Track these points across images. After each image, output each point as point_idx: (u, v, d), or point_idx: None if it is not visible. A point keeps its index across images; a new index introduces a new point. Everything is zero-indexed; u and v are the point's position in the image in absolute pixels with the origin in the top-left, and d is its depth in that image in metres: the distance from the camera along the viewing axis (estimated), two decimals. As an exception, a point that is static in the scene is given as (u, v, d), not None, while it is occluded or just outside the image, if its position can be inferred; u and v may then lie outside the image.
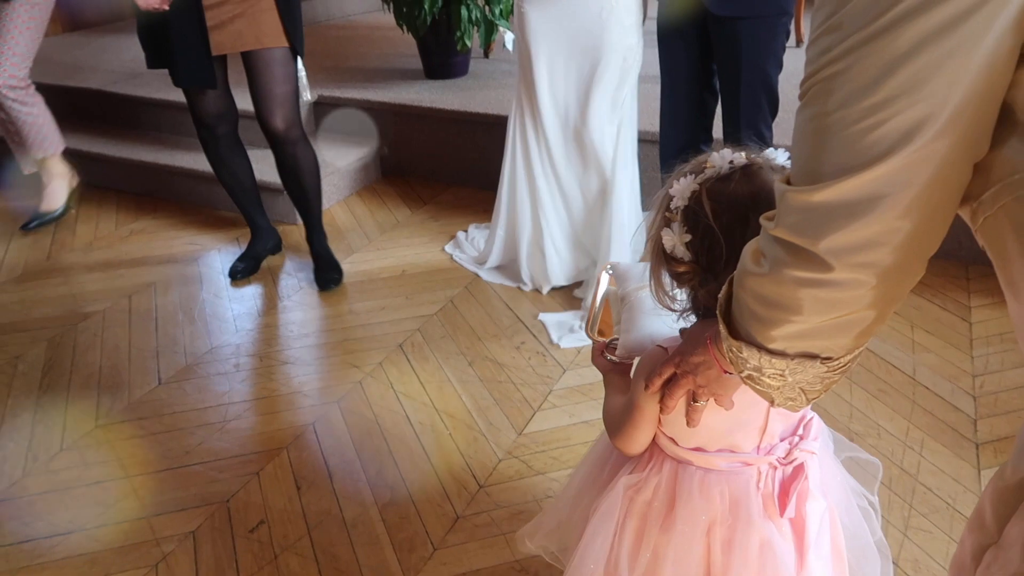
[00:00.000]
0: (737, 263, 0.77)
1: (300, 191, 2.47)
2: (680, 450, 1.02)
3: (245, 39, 2.19)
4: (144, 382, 2.15)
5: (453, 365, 2.16)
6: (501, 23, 3.40)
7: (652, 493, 1.04)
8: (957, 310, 2.35)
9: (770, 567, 1.01)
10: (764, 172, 0.89)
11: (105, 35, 4.68)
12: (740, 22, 1.97)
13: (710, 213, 0.86)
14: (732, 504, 1.01)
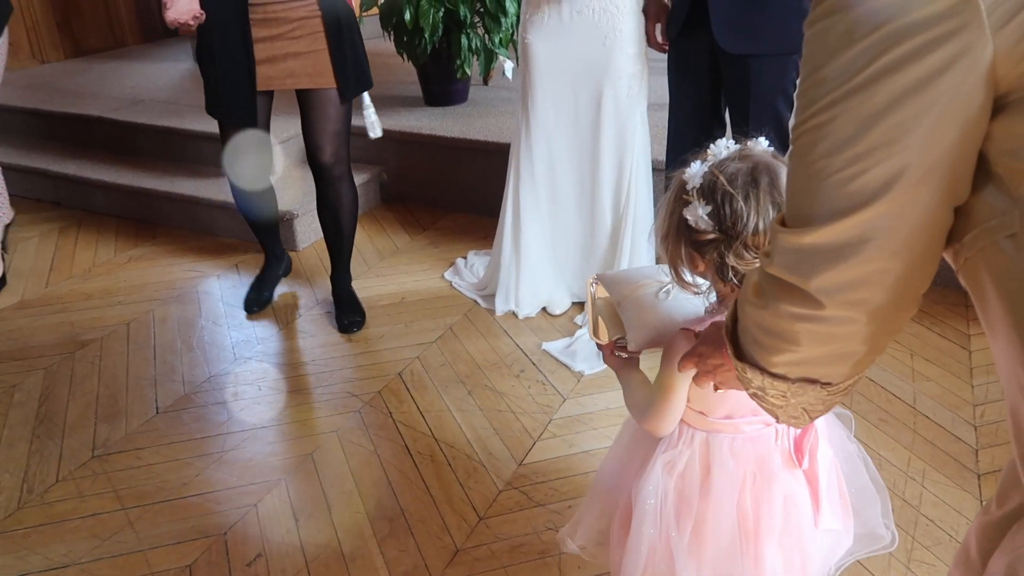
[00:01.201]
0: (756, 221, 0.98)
1: (336, 229, 2.42)
2: (710, 421, 1.13)
3: (299, 78, 2.14)
4: (142, 411, 2.13)
5: (452, 394, 2.15)
6: (501, 52, 3.43)
7: (687, 465, 1.15)
8: (957, 338, 2.35)
9: (793, 517, 1.15)
10: (756, 152, 1.04)
11: (107, 61, 4.71)
12: (751, 59, 1.97)
13: (726, 183, 0.99)
14: (759, 463, 1.14)
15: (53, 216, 3.41)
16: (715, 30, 1.95)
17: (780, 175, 1.00)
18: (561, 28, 2.21)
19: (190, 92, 3.98)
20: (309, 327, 2.51)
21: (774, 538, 1.15)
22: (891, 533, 1.26)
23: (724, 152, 1.04)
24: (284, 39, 2.09)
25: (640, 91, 2.31)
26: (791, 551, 1.17)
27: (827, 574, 1.26)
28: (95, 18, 5.02)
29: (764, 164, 1.01)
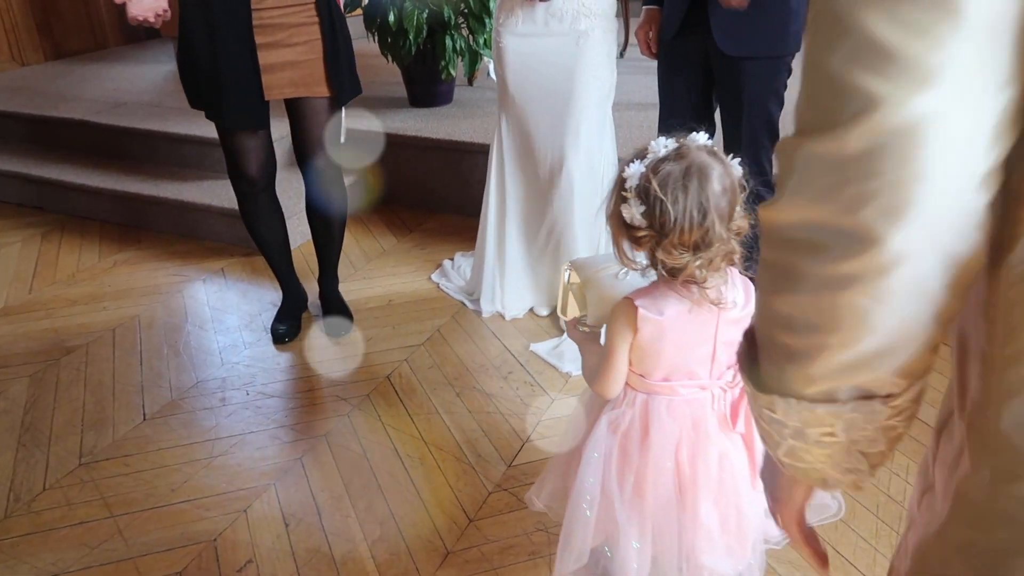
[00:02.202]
0: (684, 222, 1.06)
1: (326, 232, 2.39)
2: (649, 383, 1.24)
3: (297, 87, 2.11)
4: (129, 418, 2.12)
5: (441, 396, 2.16)
6: (485, 52, 3.44)
7: (629, 424, 1.25)
8: (939, 334, 2.38)
9: (728, 476, 1.24)
10: (692, 151, 1.11)
11: (88, 64, 4.67)
12: (746, 61, 1.98)
13: (657, 187, 1.08)
14: (694, 423, 1.24)
15: (35, 221, 3.39)
16: (715, 33, 1.95)
17: (711, 176, 1.09)
18: (535, 31, 2.22)
19: (173, 94, 3.95)
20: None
21: (710, 495, 1.24)
22: (838, 502, 1.33)
23: (662, 150, 1.11)
24: (281, 46, 2.05)
25: (609, 93, 2.33)
26: (727, 509, 1.25)
27: (771, 539, 1.35)
28: (75, 20, 4.98)
29: (697, 165, 1.09)
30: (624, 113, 3.19)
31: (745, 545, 1.29)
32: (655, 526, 1.26)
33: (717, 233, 1.09)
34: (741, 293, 1.20)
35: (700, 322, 1.18)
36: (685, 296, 1.16)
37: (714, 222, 1.08)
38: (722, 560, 1.26)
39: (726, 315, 1.18)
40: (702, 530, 1.24)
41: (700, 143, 1.13)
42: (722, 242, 1.11)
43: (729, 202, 1.11)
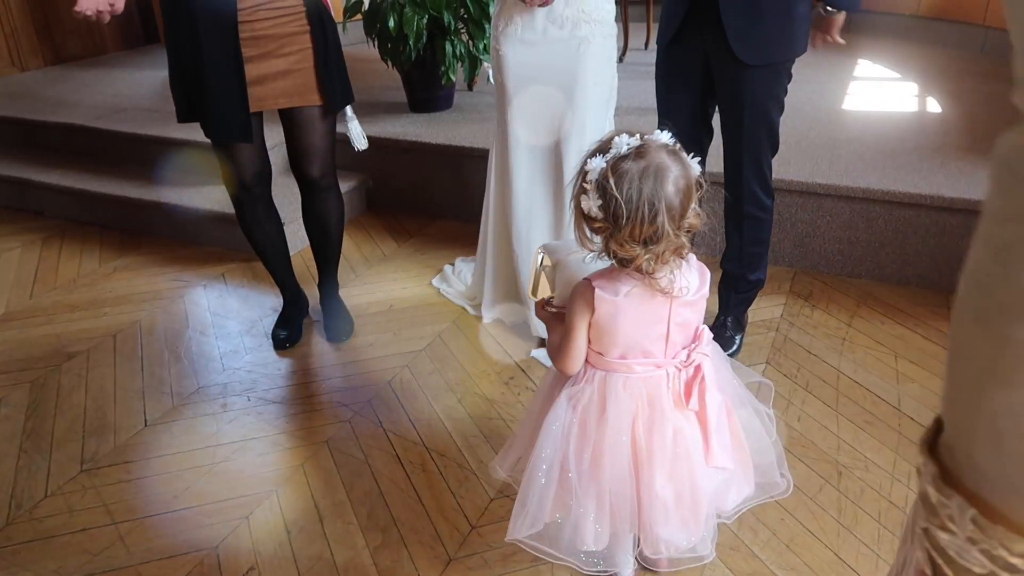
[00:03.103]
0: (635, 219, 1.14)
1: (324, 238, 2.39)
2: (607, 360, 1.30)
3: (290, 97, 2.09)
4: (130, 424, 2.12)
5: (443, 402, 2.16)
6: (485, 58, 3.44)
7: (588, 399, 1.32)
8: (939, 339, 2.39)
9: (682, 449, 1.30)
10: (653, 150, 1.18)
11: (87, 69, 4.68)
12: (750, 68, 1.97)
13: (613, 185, 1.15)
14: (649, 399, 1.30)
15: (35, 227, 3.39)
16: (733, 44, 1.94)
17: (667, 177, 1.16)
18: (535, 38, 2.21)
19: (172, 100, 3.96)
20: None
21: (665, 468, 1.30)
22: (786, 480, 1.43)
23: (624, 148, 1.17)
24: (273, 56, 2.03)
25: (611, 98, 2.33)
26: (681, 482, 1.31)
27: (723, 513, 1.42)
28: (75, 25, 4.98)
29: (655, 166, 1.16)
30: (624, 118, 3.20)
31: (699, 518, 1.35)
32: (612, 499, 1.31)
33: (666, 231, 1.17)
34: (696, 277, 1.30)
35: (654, 303, 1.26)
36: (638, 280, 1.25)
37: (664, 221, 1.16)
38: (677, 532, 1.33)
39: (679, 298, 1.27)
40: (657, 503, 1.31)
41: (662, 142, 1.20)
42: (671, 239, 1.18)
43: (682, 202, 1.18)
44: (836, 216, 2.72)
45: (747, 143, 2.08)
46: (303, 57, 2.06)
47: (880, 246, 2.71)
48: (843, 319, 2.51)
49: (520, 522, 1.36)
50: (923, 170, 2.77)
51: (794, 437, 1.99)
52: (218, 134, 2.09)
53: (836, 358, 2.30)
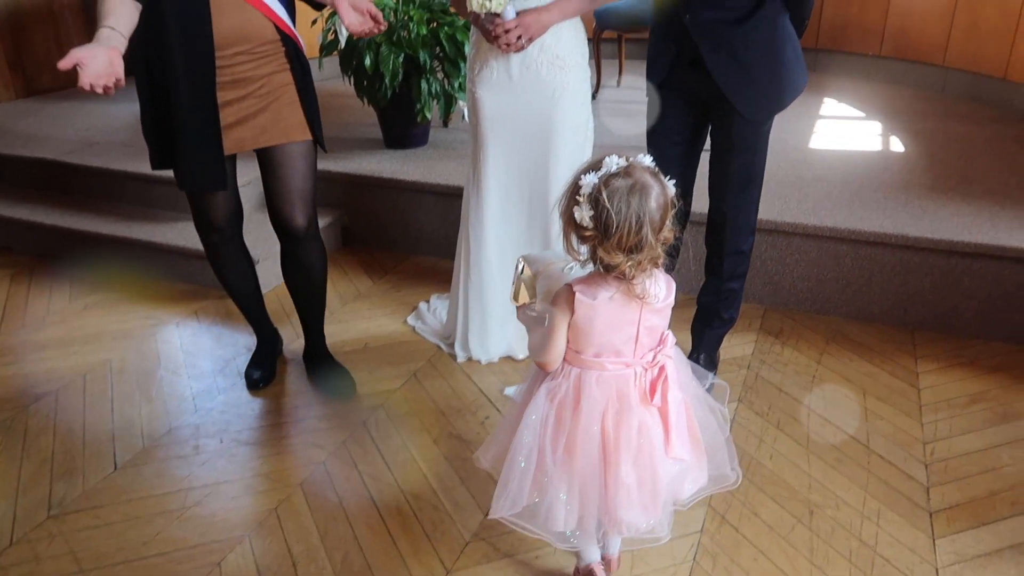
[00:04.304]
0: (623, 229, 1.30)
1: (309, 290, 2.32)
2: (582, 358, 1.45)
3: (270, 134, 2.04)
4: (99, 468, 2.09)
5: (418, 443, 2.16)
6: (460, 96, 3.48)
7: (564, 393, 1.47)
8: (905, 376, 2.44)
9: (646, 442, 1.45)
10: (638, 170, 1.33)
11: (60, 102, 4.65)
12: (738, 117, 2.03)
13: (606, 198, 1.30)
14: (619, 395, 1.45)
15: (4, 262, 3.34)
16: (739, 107, 1.99)
17: (651, 194, 1.32)
18: (510, 82, 2.25)
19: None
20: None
21: (630, 458, 1.45)
22: (736, 473, 1.58)
23: (614, 167, 1.33)
24: (253, 97, 2.00)
25: (587, 139, 2.37)
26: (644, 470, 1.46)
27: (679, 500, 1.56)
28: (47, 57, 4.96)
29: (641, 184, 1.32)
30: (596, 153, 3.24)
31: (657, 503, 1.50)
32: (582, 483, 1.46)
33: (648, 241, 1.33)
34: (663, 288, 1.45)
35: (626, 308, 1.42)
36: (615, 286, 1.40)
37: (647, 232, 1.32)
38: (638, 515, 1.48)
39: (649, 305, 1.42)
40: (622, 488, 1.45)
41: (645, 164, 1.36)
42: (651, 248, 1.34)
43: (661, 216, 1.34)
44: (804, 254, 2.78)
45: (735, 182, 2.12)
46: (284, 95, 2.04)
47: (847, 284, 2.77)
48: (813, 356, 2.55)
49: (501, 502, 1.50)
50: (887, 209, 2.84)
51: (766, 476, 2.01)
52: (193, 184, 2.07)
53: (806, 396, 2.34)
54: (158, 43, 1.88)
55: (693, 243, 2.75)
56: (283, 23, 1.99)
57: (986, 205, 2.86)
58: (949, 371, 2.47)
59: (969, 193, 3.00)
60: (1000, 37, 4.32)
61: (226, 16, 1.90)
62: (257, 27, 1.95)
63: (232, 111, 2.00)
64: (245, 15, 1.93)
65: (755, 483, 1.99)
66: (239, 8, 1.92)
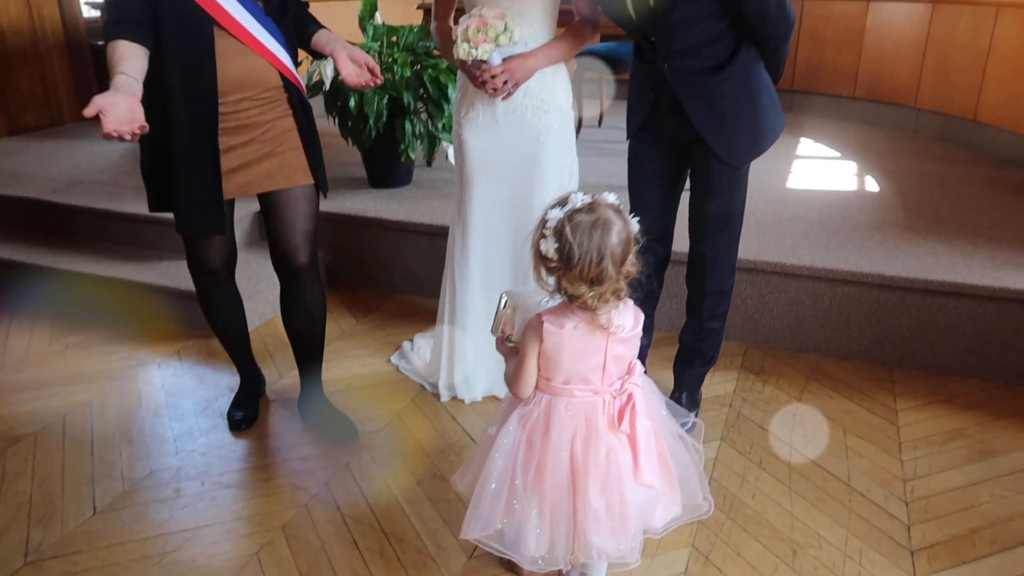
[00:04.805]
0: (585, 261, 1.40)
1: (311, 333, 2.31)
2: (552, 385, 1.53)
3: (275, 179, 2.06)
4: (79, 512, 2.06)
5: (401, 484, 2.15)
6: (443, 136, 3.53)
7: (535, 419, 1.53)
8: (885, 414, 2.47)
9: (613, 468, 1.51)
10: (601, 207, 1.43)
11: (44, 140, 4.65)
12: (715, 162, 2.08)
13: (567, 233, 1.40)
14: (587, 421, 1.51)
15: (-16, 302, 3.32)
16: (720, 152, 2.04)
17: (612, 229, 1.41)
18: (496, 126, 2.30)
19: (129, 173, 3.96)
20: (254, 416, 2.48)
21: (598, 483, 1.50)
22: (708, 503, 1.64)
23: (579, 203, 1.43)
24: (256, 142, 2.01)
25: (571, 181, 2.41)
26: (612, 496, 1.51)
27: (651, 528, 1.60)
28: (32, 95, 4.98)
29: (603, 220, 1.41)
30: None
31: (627, 529, 1.53)
32: (552, 507, 1.51)
33: (609, 273, 1.42)
34: (631, 319, 1.52)
35: (593, 337, 1.49)
36: (580, 316, 1.47)
37: (608, 265, 1.41)
38: (607, 541, 1.52)
39: (615, 335, 1.49)
40: (591, 513, 1.50)
41: (609, 201, 1.45)
42: (612, 281, 1.43)
43: (623, 251, 1.43)
44: (784, 292, 2.83)
45: (714, 223, 2.16)
46: (288, 139, 2.06)
47: (826, 321, 2.81)
48: (793, 394, 2.58)
49: (472, 524, 1.55)
50: (864, 248, 2.90)
51: (749, 515, 2.02)
52: (191, 228, 2.06)
53: (788, 434, 2.36)
54: (160, 86, 1.88)
55: (674, 282, 2.79)
56: (287, 70, 2.01)
57: (958, 245, 2.93)
58: (927, 408, 2.50)
59: (942, 232, 3.07)
60: (968, 80, 4.45)
61: (231, 62, 1.92)
62: (262, 74, 1.97)
63: (236, 156, 2.01)
64: (250, 62, 1.95)
65: (738, 523, 2.00)
66: (244, 54, 1.94)
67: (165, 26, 1.85)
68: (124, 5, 1.82)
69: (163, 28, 1.85)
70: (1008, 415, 2.47)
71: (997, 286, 2.58)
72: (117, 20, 1.81)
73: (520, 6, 2.16)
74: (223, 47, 1.91)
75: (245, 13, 1.92)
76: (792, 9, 1.96)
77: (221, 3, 1.88)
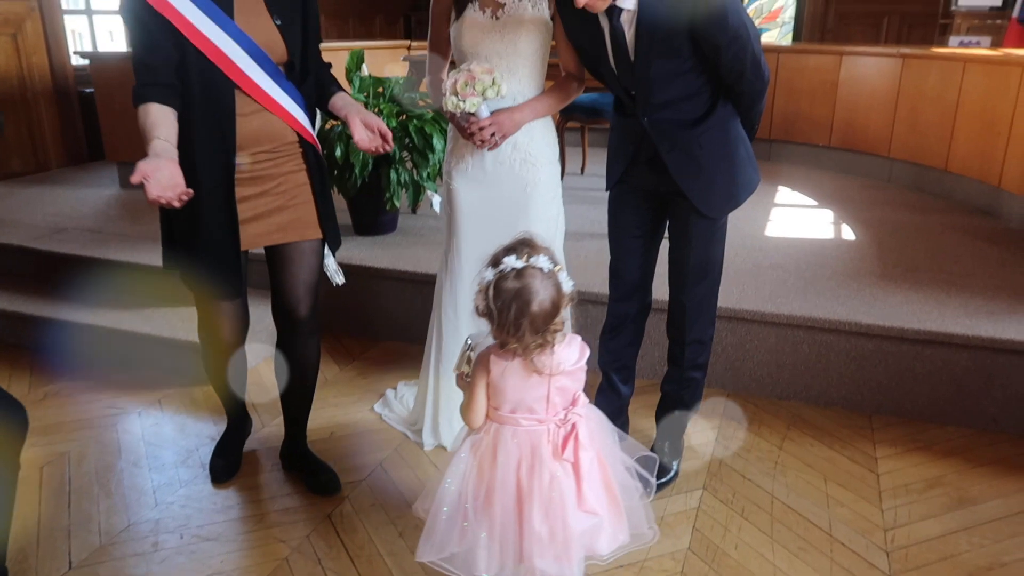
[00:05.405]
0: (504, 324, 1.53)
1: (302, 383, 2.30)
2: (500, 414, 1.63)
3: (287, 232, 2.07)
4: (53, 568, 2.03)
5: (383, 536, 2.13)
6: (428, 185, 3.58)
7: (485, 446, 1.63)
8: (865, 461, 2.49)
9: (557, 494, 1.59)
10: (529, 275, 1.53)
11: (29, 186, 4.67)
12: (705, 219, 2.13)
13: (491, 296, 1.53)
14: (532, 449, 1.61)
15: (-38, 349, 3.29)
16: (698, 205, 2.10)
17: (533, 300, 1.51)
18: (484, 177, 2.34)
19: (115, 220, 3.98)
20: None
21: (542, 509, 1.58)
22: (653, 531, 1.73)
23: (509, 268, 1.52)
24: (271, 194, 2.03)
25: (557, 231, 2.46)
26: (555, 521, 1.59)
27: (597, 554, 1.67)
28: (18, 141, 5.00)
29: (527, 290, 1.51)
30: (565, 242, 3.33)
31: (570, 554, 1.61)
32: (500, 531, 1.59)
33: (526, 338, 1.54)
34: (576, 352, 1.63)
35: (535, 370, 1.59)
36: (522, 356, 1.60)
37: (525, 331, 1.53)
38: (551, 564, 1.59)
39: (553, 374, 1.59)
40: (535, 537, 1.58)
41: (539, 266, 1.54)
42: (532, 341, 1.54)
43: (544, 318, 1.53)
44: (763, 340, 2.86)
45: (693, 274, 2.20)
46: (300, 193, 2.07)
47: (805, 369, 2.84)
48: (775, 442, 2.60)
49: (427, 547, 1.64)
50: (840, 296, 2.95)
51: (731, 567, 2.02)
52: (213, 290, 2.07)
53: (770, 482, 2.38)
54: (182, 141, 1.88)
55: (656, 330, 2.82)
56: (305, 131, 2.05)
57: (932, 293, 2.99)
58: (907, 456, 2.53)
59: (916, 281, 3.13)
60: (939, 132, 4.59)
61: (248, 118, 1.95)
62: (279, 129, 2.00)
63: (249, 206, 2.02)
64: (267, 118, 1.98)
65: (722, 575, 2.00)
66: (262, 111, 1.97)
67: (191, 89, 1.88)
68: (155, 67, 1.84)
69: (189, 91, 1.88)
70: (985, 463, 2.50)
71: (970, 334, 2.63)
72: (149, 82, 1.84)
73: (509, 62, 2.22)
74: (241, 104, 1.94)
75: (267, 79, 1.95)
76: (767, 67, 2.03)
77: (245, 70, 1.91)
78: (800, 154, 5.58)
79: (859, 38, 7.54)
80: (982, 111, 4.24)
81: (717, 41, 1.90)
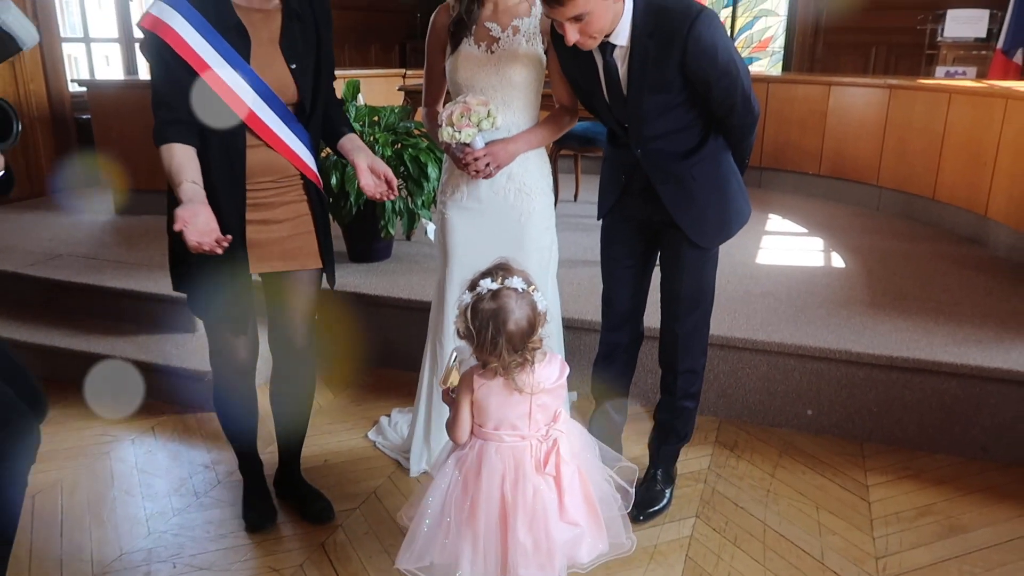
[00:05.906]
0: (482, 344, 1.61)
1: (296, 411, 2.31)
2: (484, 430, 1.70)
3: (288, 260, 2.09)
4: (45, 598, 2.02)
5: (377, 565, 2.13)
6: (422, 213, 3.61)
7: (470, 462, 1.69)
8: (856, 489, 2.50)
9: (540, 507, 1.66)
10: (504, 295, 1.60)
11: (24, 212, 4.68)
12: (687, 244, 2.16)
13: (469, 318, 1.61)
14: (516, 464, 1.67)
15: (-45, 376, 3.27)
16: (691, 235, 2.13)
17: (509, 320, 1.58)
18: (479, 207, 2.38)
19: (110, 246, 3.99)
20: (227, 495, 2.46)
21: (526, 521, 1.64)
22: (631, 541, 1.78)
23: (485, 291, 1.60)
24: (274, 222, 2.05)
25: (551, 260, 2.48)
26: (539, 533, 1.65)
27: (577, 563, 1.73)
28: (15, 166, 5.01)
29: (503, 310, 1.59)
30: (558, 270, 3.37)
31: (553, 564, 1.66)
32: (484, 543, 1.65)
33: (504, 356, 1.60)
34: (556, 370, 1.69)
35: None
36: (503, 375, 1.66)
37: (503, 350, 1.60)
38: (535, 574, 1.65)
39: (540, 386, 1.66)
40: (520, 548, 1.64)
41: (514, 286, 1.61)
42: (511, 359, 1.60)
43: (522, 335, 1.60)
44: (755, 368, 2.89)
45: (685, 304, 2.22)
46: (302, 224, 2.10)
47: (797, 396, 2.87)
48: (767, 470, 2.61)
49: (407, 554, 1.70)
50: (831, 324, 2.98)
51: (724, 595, 2.03)
52: (222, 322, 2.08)
53: (762, 510, 2.39)
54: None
55: (649, 358, 2.85)
56: (309, 171, 2.07)
57: (921, 321, 3.03)
58: (898, 484, 2.55)
59: (905, 309, 3.17)
60: (926, 161, 4.66)
61: (254, 151, 1.98)
62: (283, 163, 2.03)
63: (252, 230, 2.03)
64: (272, 154, 2.01)
65: None
66: (268, 149, 2.00)
67: (207, 129, 1.91)
68: (176, 104, 1.87)
69: (204, 127, 1.91)
70: (975, 490, 2.51)
71: (959, 363, 2.66)
72: (171, 120, 1.87)
73: (503, 94, 2.27)
74: (248, 138, 1.97)
75: (278, 120, 1.98)
76: (757, 102, 2.08)
77: (259, 115, 1.94)
78: (790, 182, 5.64)
79: (847, 68, 7.66)
80: (968, 141, 4.32)
81: (707, 76, 1.95)
